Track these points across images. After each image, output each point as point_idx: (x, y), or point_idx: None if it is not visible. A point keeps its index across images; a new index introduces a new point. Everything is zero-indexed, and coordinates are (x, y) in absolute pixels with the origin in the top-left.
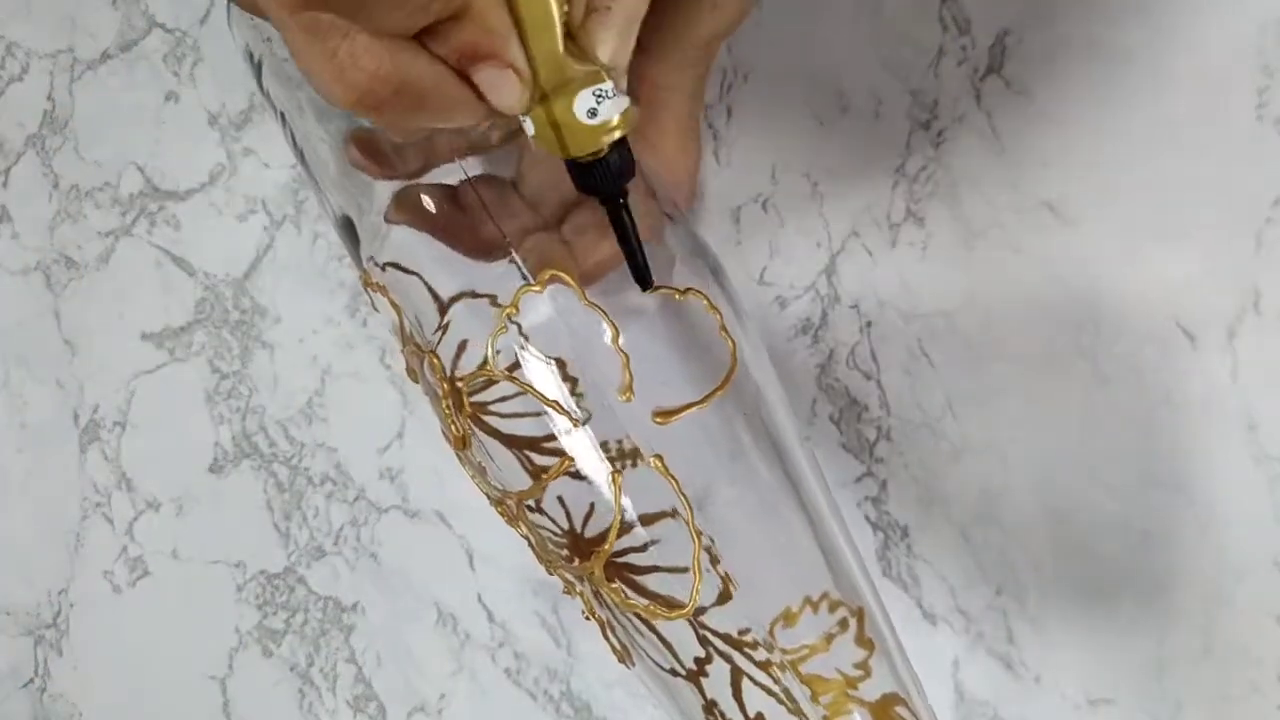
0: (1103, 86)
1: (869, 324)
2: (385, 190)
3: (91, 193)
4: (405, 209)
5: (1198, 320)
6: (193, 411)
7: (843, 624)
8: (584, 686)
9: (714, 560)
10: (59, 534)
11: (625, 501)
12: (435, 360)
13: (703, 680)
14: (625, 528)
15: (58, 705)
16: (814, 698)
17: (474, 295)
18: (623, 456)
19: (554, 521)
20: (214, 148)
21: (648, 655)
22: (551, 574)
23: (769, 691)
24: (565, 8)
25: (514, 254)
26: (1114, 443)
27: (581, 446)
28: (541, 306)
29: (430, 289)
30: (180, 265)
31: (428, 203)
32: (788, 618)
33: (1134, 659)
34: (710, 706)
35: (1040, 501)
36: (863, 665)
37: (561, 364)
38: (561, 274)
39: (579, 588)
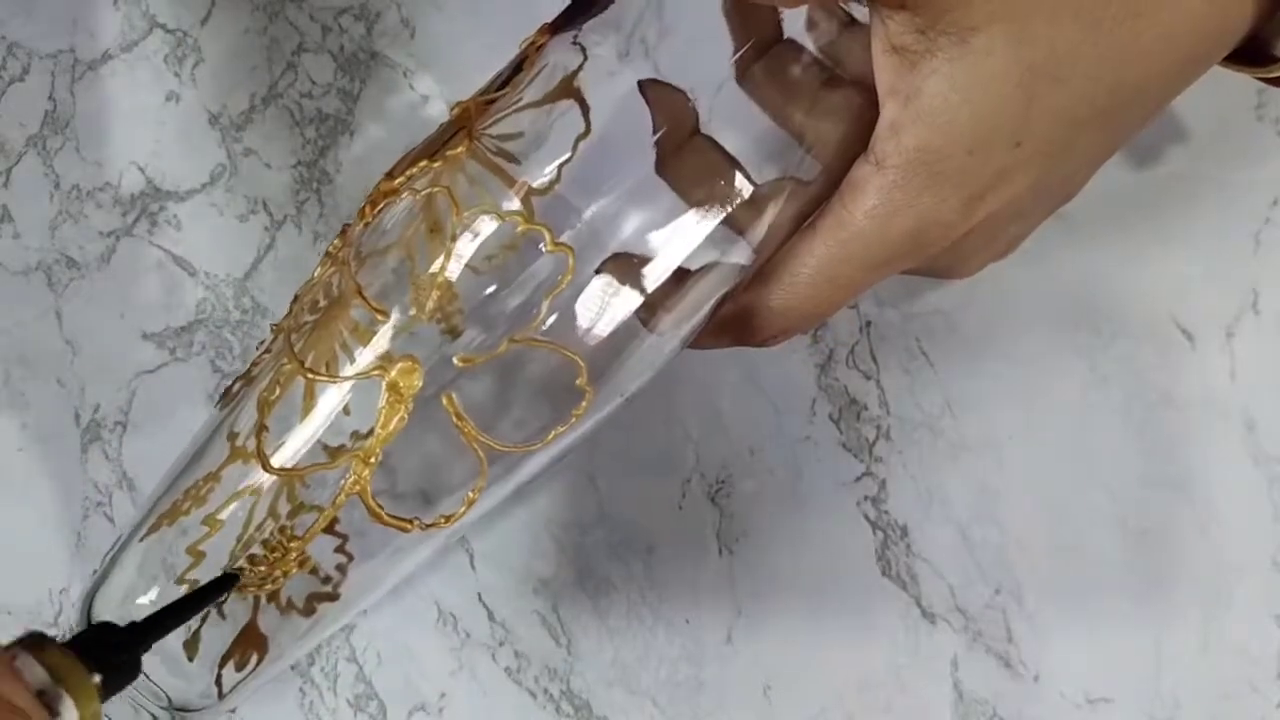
0: None
1: (868, 324)
2: None
3: (93, 193)
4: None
5: (1196, 320)
6: (194, 411)
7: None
8: (584, 685)
9: None
10: (60, 533)
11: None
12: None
13: None
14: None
15: None
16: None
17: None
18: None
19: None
20: (215, 148)
21: None
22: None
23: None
24: None
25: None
26: (1112, 442)
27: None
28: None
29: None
30: (181, 265)
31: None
32: None
33: (1133, 658)
34: None
35: (1039, 501)
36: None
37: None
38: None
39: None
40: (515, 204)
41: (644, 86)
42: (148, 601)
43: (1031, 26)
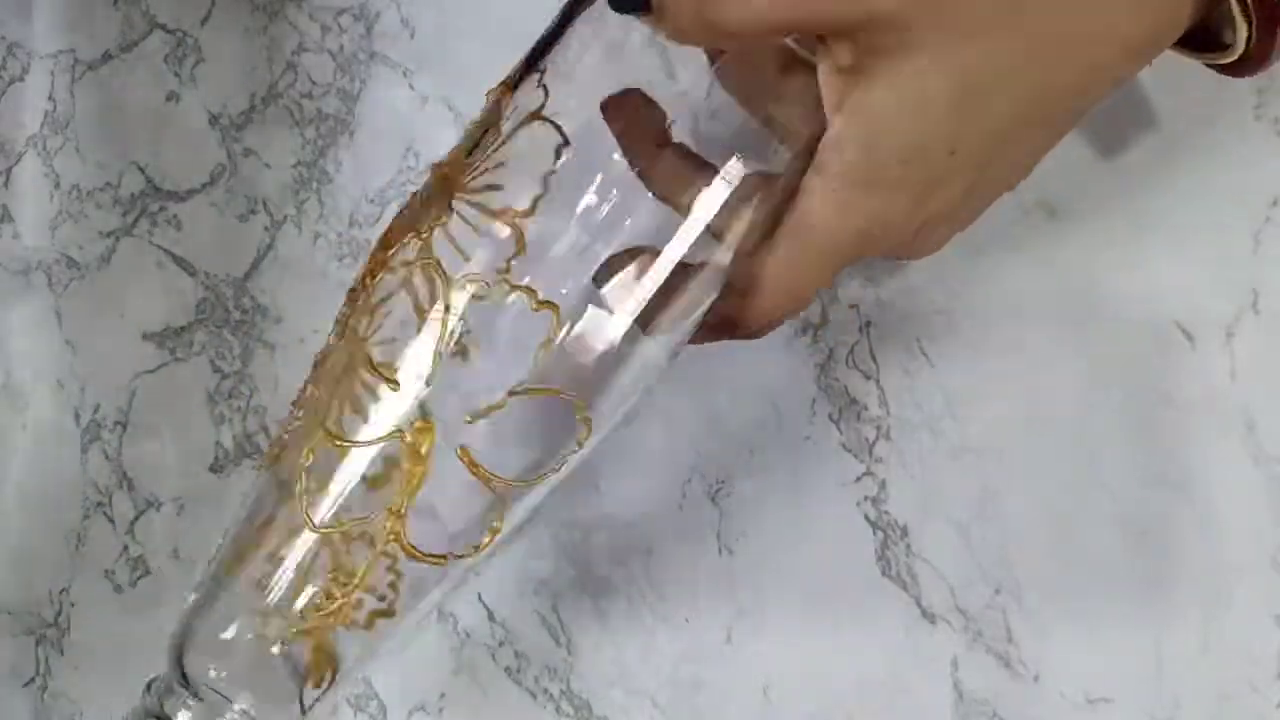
0: None
1: (868, 323)
2: None
3: (93, 193)
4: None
5: (1196, 320)
6: (194, 411)
7: None
8: (584, 685)
9: None
10: (60, 533)
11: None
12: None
13: None
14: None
15: (59, 704)
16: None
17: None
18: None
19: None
20: (215, 148)
21: None
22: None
23: None
24: None
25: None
26: (1113, 442)
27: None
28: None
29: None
30: (181, 265)
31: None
32: None
33: (1133, 658)
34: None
35: (1039, 501)
36: None
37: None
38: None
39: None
40: (506, 233)
41: (606, 102)
42: (230, 635)
43: (962, 50)
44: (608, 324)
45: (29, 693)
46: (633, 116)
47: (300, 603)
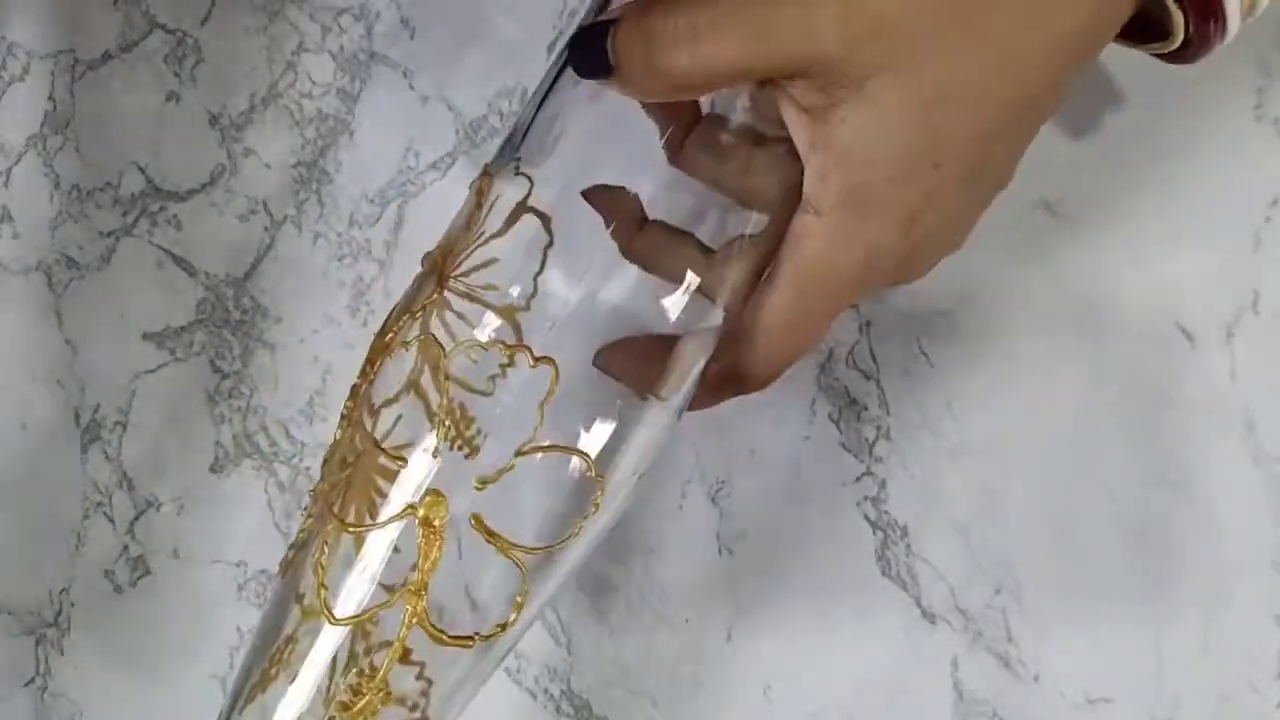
0: (1101, 87)
1: (868, 324)
2: None
3: (93, 193)
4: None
5: (1196, 320)
6: (194, 411)
7: None
8: (584, 685)
9: None
10: (60, 533)
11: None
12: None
13: None
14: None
15: (59, 704)
16: None
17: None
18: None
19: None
20: (215, 148)
21: None
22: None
23: None
24: None
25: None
26: (1112, 442)
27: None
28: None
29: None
30: (181, 265)
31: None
32: None
33: (1133, 658)
34: None
35: (1039, 500)
36: None
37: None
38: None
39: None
40: (497, 324)
41: (586, 194)
42: None
43: (914, 67)
44: (611, 385)
45: (29, 693)
46: (610, 202)
47: (329, 706)
